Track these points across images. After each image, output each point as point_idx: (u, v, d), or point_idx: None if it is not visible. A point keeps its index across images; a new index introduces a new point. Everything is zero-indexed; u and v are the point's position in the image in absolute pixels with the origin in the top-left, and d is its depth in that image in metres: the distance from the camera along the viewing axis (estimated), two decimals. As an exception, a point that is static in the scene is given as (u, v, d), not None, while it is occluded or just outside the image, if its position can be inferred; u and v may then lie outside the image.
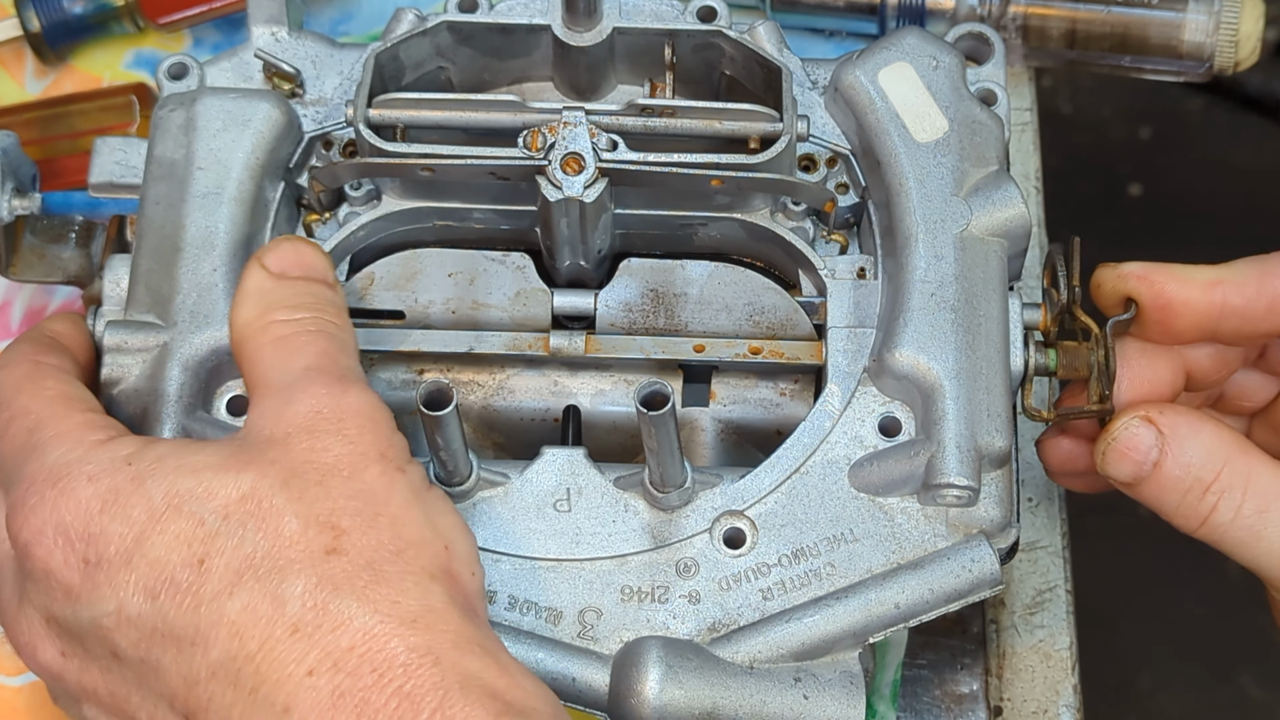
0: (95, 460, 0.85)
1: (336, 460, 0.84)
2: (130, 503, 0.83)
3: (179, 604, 0.82)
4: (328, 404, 0.86)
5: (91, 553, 0.83)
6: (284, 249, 0.91)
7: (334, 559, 0.82)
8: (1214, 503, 0.94)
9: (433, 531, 0.85)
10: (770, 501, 0.94)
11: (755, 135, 0.98)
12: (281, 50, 1.03)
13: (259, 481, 0.83)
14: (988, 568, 0.93)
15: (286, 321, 0.89)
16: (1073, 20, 1.17)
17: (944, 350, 0.94)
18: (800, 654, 0.91)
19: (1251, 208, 2.39)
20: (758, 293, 1.00)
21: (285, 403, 0.86)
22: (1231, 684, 2.19)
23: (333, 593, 0.81)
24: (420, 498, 0.85)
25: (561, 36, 1.02)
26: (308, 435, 0.85)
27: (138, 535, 0.83)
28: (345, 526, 0.83)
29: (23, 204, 1.03)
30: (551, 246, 0.98)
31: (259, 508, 0.83)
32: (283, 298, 0.90)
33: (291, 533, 0.82)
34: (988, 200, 0.97)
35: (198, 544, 0.82)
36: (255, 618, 0.81)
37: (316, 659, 0.80)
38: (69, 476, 0.84)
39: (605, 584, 0.92)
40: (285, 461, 0.84)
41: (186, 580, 0.82)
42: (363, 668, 0.79)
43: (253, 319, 0.89)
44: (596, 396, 1.01)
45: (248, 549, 0.82)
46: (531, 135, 0.96)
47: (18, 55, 1.20)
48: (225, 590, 0.81)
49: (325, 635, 0.80)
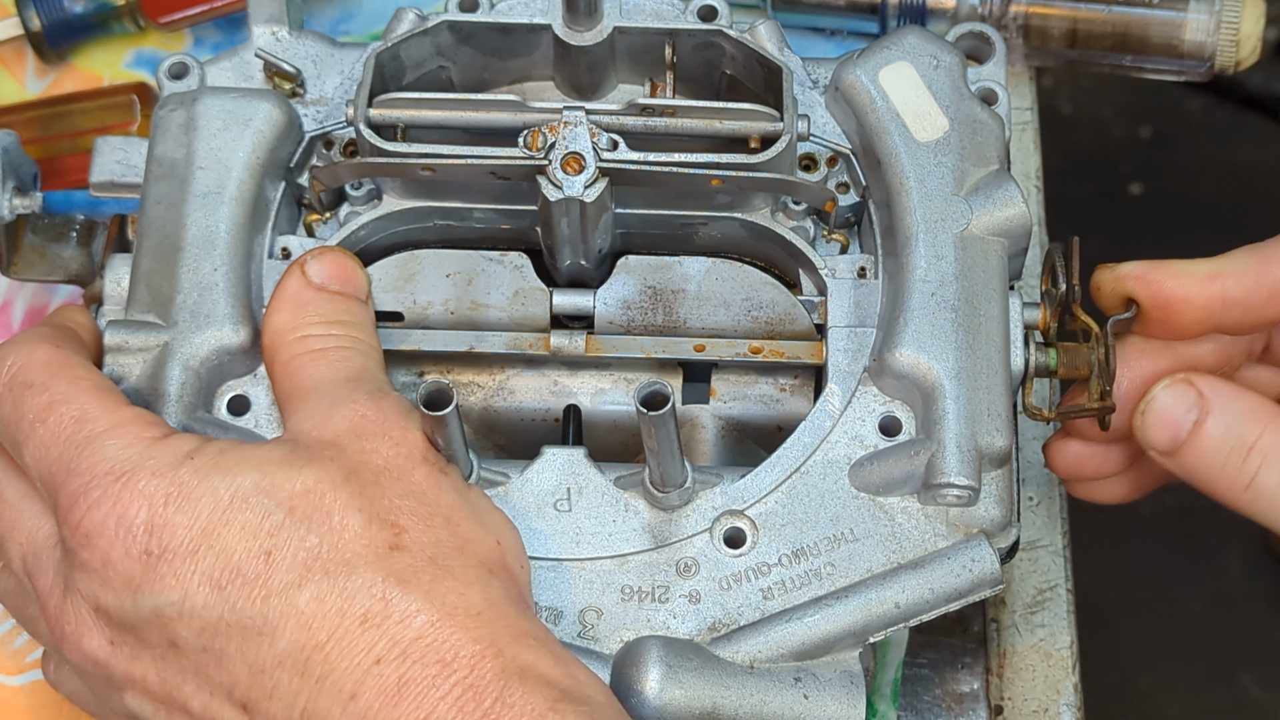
0: (158, 456, 0.87)
1: (386, 461, 0.87)
2: (196, 496, 0.85)
3: (247, 595, 0.84)
4: (370, 408, 0.89)
5: (155, 544, 0.85)
6: (326, 260, 0.94)
7: (398, 555, 0.84)
8: (1257, 464, 0.92)
9: (484, 528, 0.87)
10: (770, 501, 0.94)
11: (756, 135, 0.98)
12: (282, 50, 1.03)
13: (321, 477, 0.86)
14: (988, 567, 0.93)
15: (323, 336, 0.92)
16: (1074, 20, 1.17)
17: (944, 350, 0.94)
18: (800, 653, 0.91)
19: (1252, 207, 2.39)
20: (755, 288, 1.00)
21: (329, 408, 0.89)
22: (1232, 684, 2.19)
23: (398, 586, 0.83)
24: (465, 496, 0.88)
25: (562, 36, 1.02)
26: (356, 437, 0.88)
27: (204, 527, 0.85)
28: (404, 524, 0.85)
29: (24, 203, 1.03)
30: (552, 246, 0.98)
31: (322, 502, 0.85)
32: (321, 310, 0.93)
33: (356, 528, 0.85)
34: (988, 199, 0.97)
35: (264, 536, 0.84)
36: (325, 609, 0.83)
37: (384, 648, 0.82)
38: (133, 471, 0.86)
39: (605, 584, 0.92)
40: (341, 460, 0.87)
41: (254, 572, 0.84)
42: (428, 657, 0.82)
43: (288, 326, 0.92)
44: (596, 396, 1.01)
45: (313, 542, 0.84)
46: (532, 135, 0.96)
47: (18, 54, 1.20)
48: (294, 582, 0.83)
49: (393, 626, 0.83)
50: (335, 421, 0.89)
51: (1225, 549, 2.22)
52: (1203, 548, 2.22)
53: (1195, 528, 2.22)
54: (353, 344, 0.92)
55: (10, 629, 1.06)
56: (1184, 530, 2.23)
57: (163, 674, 0.86)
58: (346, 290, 0.94)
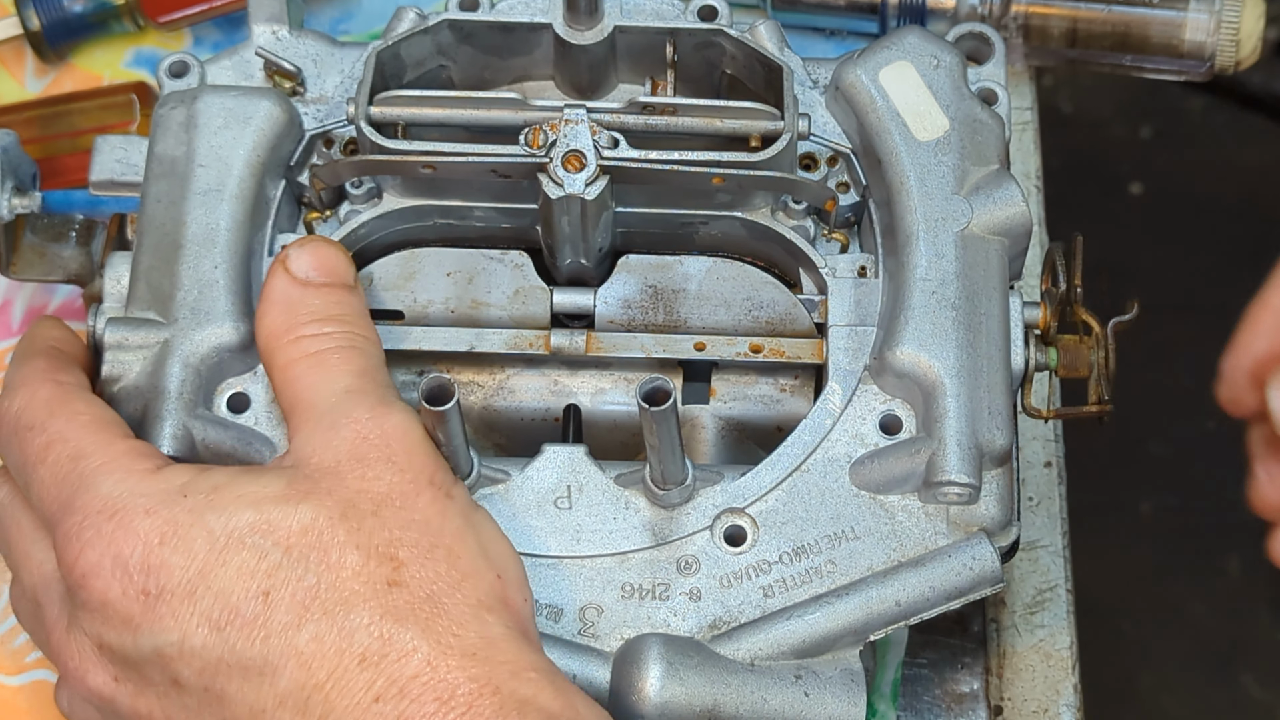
0: (149, 491, 0.86)
1: (389, 489, 0.86)
2: (190, 535, 0.85)
3: (246, 636, 0.83)
4: (372, 429, 0.87)
5: (152, 584, 0.84)
6: (306, 253, 0.92)
7: (396, 591, 0.84)
8: None
9: (486, 561, 0.86)
10: (771, 499, 0.94)
11: (757, 133, 0.98)
12: (282, 49, 1.03)
13: (318, 513, 0.85)
14: (988, 565, 0.93)
15: (316, 336, 0.90)
16: (1074, 19, 1.17)
17: (945, 348, 0.94)
18: (801, 651, 0.91)
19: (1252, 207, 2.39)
20: (756, 287, 1.00)
21: (330, 428, 0.88)
22: (1232, 684, 2.19)
23: (396, 624, 0.83)
24: (470, 523, 0.87)
25: (563, 35, 1.02)
26: (358, 463, 0.87)
27: (200, 568, 0.84)
28: (404, 558, 0.85)
29: (23, 202, 1.03)
30: (552, 244, 0.98)
31: (320, 540, 0.84)
32: (310, 308, 0.91)
33: (353, 565, 0.84)
34: (989, 199, 0.97)
35: (261, 576, 0.84)
36: (324, 648, 0.83)
37: (383, 686, 0.82)
38: (125, 510, 0.85)
39: (606, 581, 0.92)
40: (340, 492, 0.86)
41: (252, 612, 0.83)
42: (425, 695, 0.82)
43: (280, 330, 0.91)
44: (596, 396, 1.01)
45: (310, 581, 0.84)
46: (533, 132, 0.96)
47: (18, 54, 1.20)
48: (293, 623, 0.83)
49: (391, 664, 0.82)
50: (336, 446, 0.87)
51: (1225, 549, 2.22)
52: (1203, 548, 2.22)
53: (1195, 528, 2.22)
54: (349, 341, 0.91)
55: (10, 628, 1.06)
56: (1184, 530, 2.23)
57: (167, 711, 0.86)
58: (333, 280, 0.92)
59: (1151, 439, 2.25)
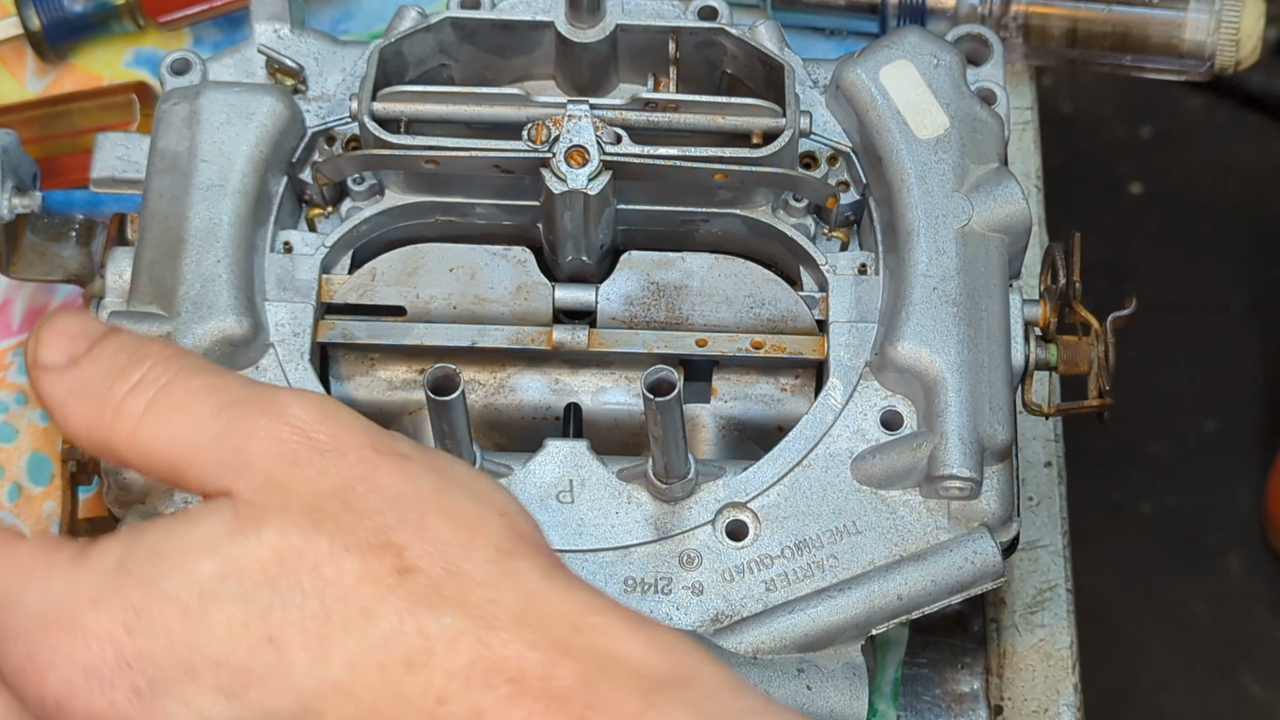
0: (83, 583, 0.73)
1: (342, 477, 0.75)
2: (155, 611, 0.73)
3: (270, 691, 0.72)
4: (280, 427, 0.75)
5: (140, 680, 0.72)
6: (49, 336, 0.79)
7: (409, 577, 0.73)
8: None
9: (481, 504, 0.76)
10: (773, 494, 0.94)
11: (759, 130, 0.98)
12: (284, 47, 1.03)
13: (285, 532, 0.73)
14: (990, 560, 0.93)
15: (133, 391, 0.77)
16: (1074, 19, 1.17)
17: (946, 343, 0.94)
18: (803, 645, 0.91)
19: (1252, 207, 2.39)
20: (758, 284, 1.00)
21: (236, 450, 0.75)
22: (1232, 684, 2.19)
23: (428, 611, 0.72)
24: (442, 473, 0.76)
25: (564, 33, 1.02)
26: (292, 465, 0.75)
27: (184, 641, 0.72)
28: (400, 541, 0.73)
29: (23, 202, 1.03)
30: (554, 241, 0.99)
31: (302, 559, 0.73)
32: (101, 372, 0.77)
33: (354, 570, 0.73)
34: (989, 196, 0.98)
35: (256, 623, 0.72)
36: (363, 670, 0.72)
37: (443, 685, 0.72)
38: (67, 612, 0.73)
39: (608, 575, 0.93)
40: (294, 501, 0.74)
41: (265, 665, 0.72)
42: (493, 679, 0.71)
43: (94, 416, 0.77)
44: (597, 394, 1.01)
45: (314, 606, 0.72)
46: (536, 128, 0.96)
47: (18, 54, 1.20)
48: (317, 658, 0.72)
49: (441, 658, 0.72)
50: (256, 461, 0.74)
51: (1225, 549, 2.22)
52: (1203, 548, 2.22)
53: (1195, 528, 2.23)
54: (167, 370, 0.77)
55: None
56: (1184, 530, 2.23)
57: None
58: (93, 336, 0.79)
59: (1151, 439, 2.25)
